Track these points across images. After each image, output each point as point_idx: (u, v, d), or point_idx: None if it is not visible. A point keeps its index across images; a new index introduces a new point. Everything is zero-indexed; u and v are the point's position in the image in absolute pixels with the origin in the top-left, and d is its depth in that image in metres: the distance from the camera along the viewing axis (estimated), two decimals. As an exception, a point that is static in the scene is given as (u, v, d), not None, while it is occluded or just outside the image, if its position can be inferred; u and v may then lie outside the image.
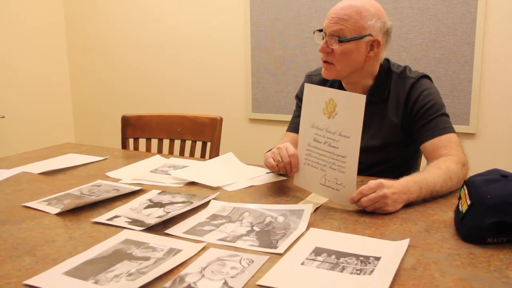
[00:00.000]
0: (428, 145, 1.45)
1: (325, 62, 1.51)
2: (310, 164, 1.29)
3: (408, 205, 1.20)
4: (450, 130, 1.46)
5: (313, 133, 1.27)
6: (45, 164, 1.74)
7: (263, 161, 1.47)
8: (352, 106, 1.18)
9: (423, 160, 1.65)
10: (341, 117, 1.20)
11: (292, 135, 1.67)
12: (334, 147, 1.22)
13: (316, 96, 1.27)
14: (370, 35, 1.45)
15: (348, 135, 1.18)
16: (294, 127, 1.69)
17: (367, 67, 1.52)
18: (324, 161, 1.25)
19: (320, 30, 1.50)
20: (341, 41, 1.44)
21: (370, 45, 1.47)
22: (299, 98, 1.72)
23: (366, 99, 1.50)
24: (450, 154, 1.39)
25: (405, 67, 1.57)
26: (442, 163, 1.33)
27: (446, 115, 1.49)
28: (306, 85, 1.32)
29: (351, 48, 1.45)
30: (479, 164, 1.48)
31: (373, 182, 1.16)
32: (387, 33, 1.50)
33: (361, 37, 1.44)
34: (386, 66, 1.57)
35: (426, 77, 1.55)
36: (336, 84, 1.62)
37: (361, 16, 1.43)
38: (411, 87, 1.51)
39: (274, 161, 1.37)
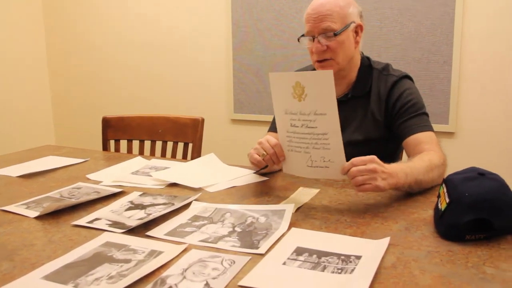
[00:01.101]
0: (410, 140, 1.47)
1: (322, 61, 1.53)
2: (293, 149, 1.29)
3: (388, 204, 1.22)
4: (431, 129, 1.49)
5: (289, 119, 1.27)
6: (24, 166, 1.72)
7: (245, 161, 1.47)
8: (320, 83, 1.17)
9: (404, 158, 1.67)
10: (312, 97, 1.20)
11: (274, 134, 1.68)
12: (312, 127, 1.22)
13: (282, 83, 1.26)
14: (353, 22, 1.51)
15: (324, 112, 1.19)
16: (272, 126, 1.72)
17: (355, 55, 1.58)
18: (306, 143, 1.24)
19: (304, 35, 1.52)
20: (336, 34, 1.47)
21: (355, 31, 1.53)
22: None
23: (349, 94, 1.53)
24: (431, 149, 1.41)
25: (387, 64, 1.62)
26: (425, 156, 1.36)
27: (427, 114, 1.53)
28: (270, 74, 1.31)
29: (344, 39, 1.50)
30: (458, 162, 1.50)
31: (366, 156, 1.18)
32: (362, 16, 1.57)
33: (348, 26, 1.50)
34: (367, 63, 1.61)
35: (408, 77, 1.59)
36: None
37: (341, 7, 1.49)
38: (393, 84, 1.55)
39: (259, 156, 1.37)
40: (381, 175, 1.17)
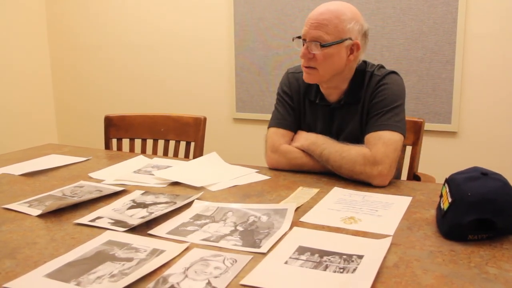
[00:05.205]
0: (365, 140, 1.47)
1: (306, 67, 1.51)
2: None
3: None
4: (387, 127, 1.45)
5: None
6: (26, 165, 1.72)
7: (247, 160, 1.47)
8: None
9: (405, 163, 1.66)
10: None
11: (282, 131, 1.63)
12: None
13: None
14: (350, 38, 1.46)
15: None
16: (285, 123, 1.64)
17: (347, 70, 1.52)
18: None
19: (299, 37, 1.50)
20: (323, 46, 1.44)
21: (350, 49, 1.48)
22: (284, 92, 1.67)
23: (341, 101, 1.51)
24: (370, 149, 1.42)
25: (377, 65, 1.57)
26: (349, 146, 1.46)
27: (392, 111, 1.47)
28: None
29: (333, 53, 1.46)
30: (461, 162, 1.50)
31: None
32: (365, 35, 1.51)
33: (342, 41, 1.45)
34: (362, 68, 1.56)
35: (393, 73, 1.54)
36: (314, 87, 1.61)
37: (340, 20, 1.44)
38: (375, 84, 1.51)
39: None
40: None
